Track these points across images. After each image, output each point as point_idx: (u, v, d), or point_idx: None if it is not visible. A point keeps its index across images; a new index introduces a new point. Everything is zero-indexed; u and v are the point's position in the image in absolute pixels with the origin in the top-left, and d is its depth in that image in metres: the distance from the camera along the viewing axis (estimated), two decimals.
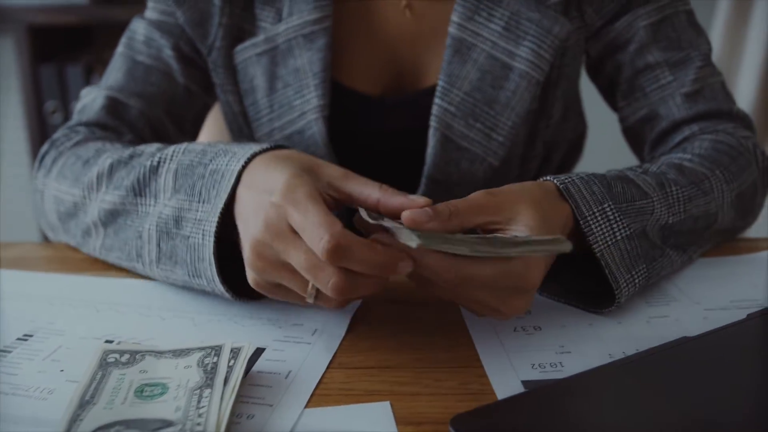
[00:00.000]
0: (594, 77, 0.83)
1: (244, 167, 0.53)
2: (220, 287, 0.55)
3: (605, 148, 1.07)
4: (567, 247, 0.46)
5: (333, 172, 0.52)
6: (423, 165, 0.76)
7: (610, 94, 0.82)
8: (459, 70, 0.73)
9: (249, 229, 0.50)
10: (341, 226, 0.45)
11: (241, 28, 0.77)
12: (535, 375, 0.48)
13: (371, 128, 0.80)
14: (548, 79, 0.75)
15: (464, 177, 0.75)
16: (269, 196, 0.49)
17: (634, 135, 0.81)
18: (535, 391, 0.45)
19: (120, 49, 0.80)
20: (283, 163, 0.52)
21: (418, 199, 0.48)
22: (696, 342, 0.50)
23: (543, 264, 0.51)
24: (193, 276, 0.56)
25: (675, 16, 0.76)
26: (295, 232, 0.47)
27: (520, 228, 0.50)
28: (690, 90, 0.75)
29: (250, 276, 0.51)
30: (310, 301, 0.49)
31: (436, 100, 0.73)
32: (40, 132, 1.82)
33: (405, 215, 0.47)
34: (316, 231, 0.45)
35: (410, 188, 0.77)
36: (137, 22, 0.79)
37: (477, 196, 0.51)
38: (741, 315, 0.54)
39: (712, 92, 0.76)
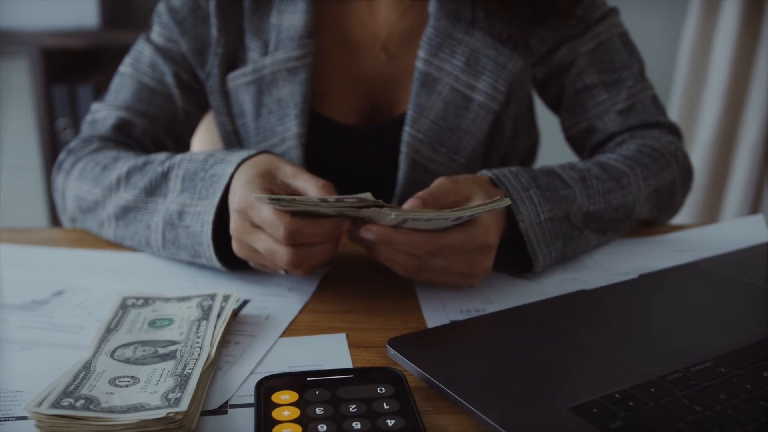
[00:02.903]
0: (541, 94, 0.96)
1: (235, 170, 0.67)
2: (217, 264, 0.68)
3: (560, 153, 1.20)
4: (506, 202, 0.59)
5: (287, 171, 0.65)
6: (394, 185, 0.87)
7: (554, 107, 0.95)
8: (426, 101, 0.84)
9: (231, 226, 0.64)
10: (289, 216, 0.58)
11: (234, 55, 0.88)
12: (462, 316, 0.61)
13: (348, 154, 0.90)
14: (500, 104, 0.86)
15: None
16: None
17: (576, 142, 0.94)
18: (455, 323, 0.58)
19: (127, 69, 0.90)
20: (248, 170, 0.65)
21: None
22: (591, 293, 0.64)
23: (496, 225, 0.64)
24: (194, 257, 0.70)
25: (609, 41, 0.89)
26: (255, 226, 0.62)
27: (476, 203, 0.63)
28: (622, 107, 0.88)
29: (242, 257, 0.65)
30: (282, 272, 0.63)
31: (406, 128, 0.84)
32: (52, 147, 1.95)
33: (405, 207, 0.60)
34: (272, 225, 0.59)
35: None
36: (144, 45, 0.90)
37: (442, 183, 0.64)
38: None
39: (642, 106, 0.89)
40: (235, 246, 0.65)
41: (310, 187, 0.62)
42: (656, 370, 0.50)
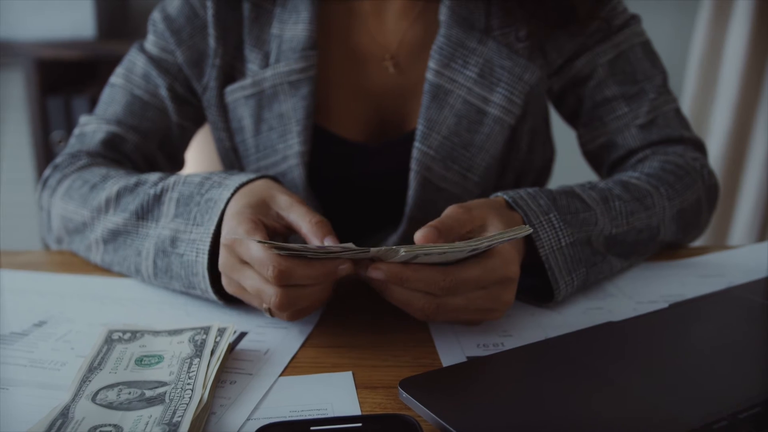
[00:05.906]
0: (557, 107, 0.90)
1: (232, 195, 0.62)
2: (212, 296, 0.63)
3: (576, 168, 1.15)
4: (527, 231, 0.53)
5: (281, 202, 0.60)
6: (403, 205, 0.81)
7: (571, 120, 0.90)
8: (437, 115, 0.78)
9: (219, 260, 0.59)
10: (278, 255, 0.52)
11: (232, 67, 0.83)
12: (479, 352, 0.56)
13: (355, 172, 0.85)
14: (516, 117, 0.80)
15: None
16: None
17: (594, 158, 0.89)
18: (473, 361, 0.53)
19: (118, 80, 0.85)
20: (242, 198, 0.60)
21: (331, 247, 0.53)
22: (619, 325, 0.58)
23: (517, 255, 0.58)
24: (188, 287, 0.64)
25: (630, 50, 0.84)
26: (244, 263, 0.56)
27: (491, 232, 0.57)
28: (644, 121, 0.83)
29: (231, 294, 0.59)
30: (268, 315, 0.57)
31: (416, 144, 0.78)
32: (47, 160, 1.91)
33: (417, 238, 0.54)
34: (261, 263, 0.53)
35: (392, 227, 0.84)
36: (137, 55, 0.85)
37: (455, 212, 0.58)
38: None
39: (665, 120, 0.83)
40: (224, 281, 0.59)
41: (303, 223, 0.57)
42: (699, 417, 0.44)
